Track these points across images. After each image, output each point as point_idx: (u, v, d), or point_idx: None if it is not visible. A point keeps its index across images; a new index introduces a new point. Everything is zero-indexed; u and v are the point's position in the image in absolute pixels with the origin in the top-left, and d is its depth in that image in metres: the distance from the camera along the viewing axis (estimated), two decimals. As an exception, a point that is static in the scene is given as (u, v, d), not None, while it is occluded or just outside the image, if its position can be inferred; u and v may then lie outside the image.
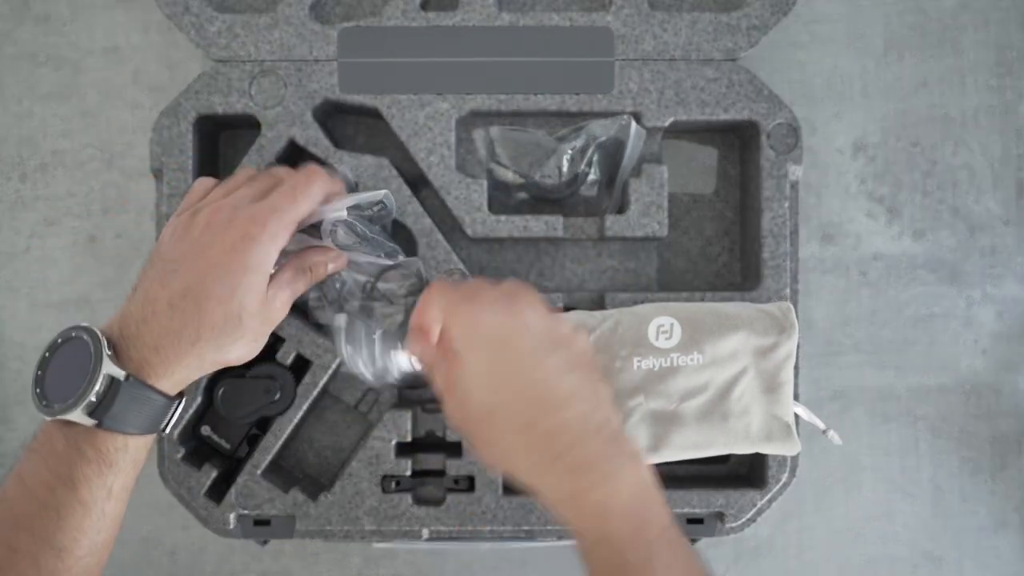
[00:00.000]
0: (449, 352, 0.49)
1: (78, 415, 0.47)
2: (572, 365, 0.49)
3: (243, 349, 0.52)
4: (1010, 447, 0.69)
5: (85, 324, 0.50)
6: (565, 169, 0.63)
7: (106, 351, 0.48)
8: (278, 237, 0.52)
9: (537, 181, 0.63)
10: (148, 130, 0.62)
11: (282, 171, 0.56)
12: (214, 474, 0.61)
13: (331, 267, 0.57)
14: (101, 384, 0.47)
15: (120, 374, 0.48)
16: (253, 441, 0.62)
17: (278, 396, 0.61)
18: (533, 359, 0.48)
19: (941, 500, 0.69)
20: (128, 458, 0.50)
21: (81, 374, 0.47)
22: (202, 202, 0.54)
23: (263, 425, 0.62)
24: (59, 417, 0.48)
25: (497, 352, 0.48)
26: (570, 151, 0.62)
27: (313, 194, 0.54)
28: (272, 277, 0.53)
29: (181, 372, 0.50)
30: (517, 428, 0.47)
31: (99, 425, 0.48)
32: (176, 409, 0.52)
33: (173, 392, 0.51)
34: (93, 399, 0.47)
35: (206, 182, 0.56)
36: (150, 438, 0.51)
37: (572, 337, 0.51)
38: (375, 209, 0.59)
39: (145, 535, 0.68)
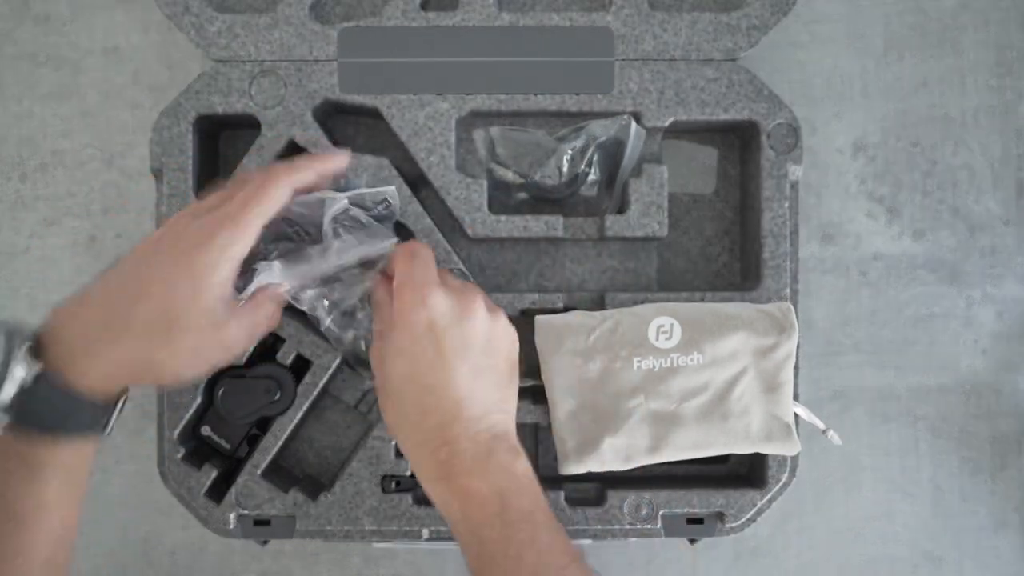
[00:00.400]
0: (392, 312, 0.52)
1: None
2: (486, 370, 0.53)
3: (179, 362, 0.49)
4: (1010, 447, 0.69)
5: (7, 319, 0.47)
6: (565, 169, 0.63)
7: (21, 346, 0.45)
8: (230, 246, 0.49)
9: (537, 181, 0.63)
10: (148, 130, 0.62)
11: (253, 175, 0.52)
12: (214, 474, 0.61)
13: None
14: (13, 382, 0.44)
15: (34, 371, 0.45)
16: (253, 441, 0.62)
17: (278, 396, 0.61)
18: (453, 359, 0.51)
19: (941, 500, 0.69)
20: (58, 465, 0.46)
21: None
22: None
23: (263, 425, 0.62)
24: None
25: (426, 341, 0.51)
26: (570, 151, 0.62)
27: (273, 194, 0.50)
28: (233, 303, 0.50)
29: (108, 369, 0.47)
30: (414, 410, 0.52)
31: (16, 428, 0.45)
32: (114, 411, 0.48)
33: (104, 392, 0.47)
34: (5, 399, 0.44)
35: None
36: (87, 444, 0.48)
37: (504, 340, 0.55)
38: (380, 208, 0.59)
39: (145, 535, 0.68)
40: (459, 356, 0.51)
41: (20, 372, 0.45)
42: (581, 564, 0.50)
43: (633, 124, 0.62)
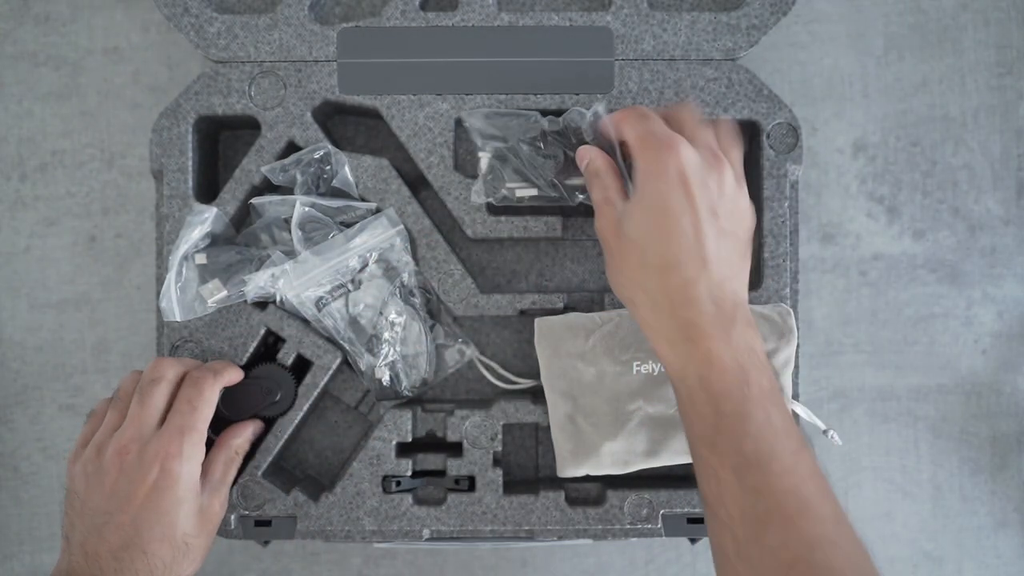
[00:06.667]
0: (620, 174, 0.53)
1: None
2: (729, 236, 0.51)
3: (196, 564, 0.54)
4: (1010, 447, 0.69)
5: None
6: (548, 137, 0.60)
7: None
8: (195, 456, 0.53)
9: (537, 159, 0.60)
10: (148, 130, 0.62)
11: (168, 372, 0.55)
12: (214, 474, 0.61)
13: (251, 438, 0.60)
14: None
15: None
16: (253, 442, 0.62)
17: (278, 398, 0.61)
18: (697, 217, 0.49)
19: (941, 500, 0.69)
20: None
21: None
22: (102, 436, 0.54)
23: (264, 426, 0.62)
24: None
25: (672, 197, 0.49)
26: (548, 123, 0.60)
27: (210, 398, 0.55)
28: (203, 483, 0.54)
29: None
30: (653, 269, 0.50)
31: None
32: None
33: None
34: None
35: (102, 405, 0.57)
36: None
37: (747, 214, 0.54)
38: (321, 166, 0.62)
39: (145, 535, 0.68)
40: (707, 212, 0.50)
41: None
42: (810, 451, 0.49)
43: (600, 109, 0.57)
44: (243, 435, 0.59)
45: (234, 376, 0.58)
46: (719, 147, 0.53)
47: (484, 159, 0.60)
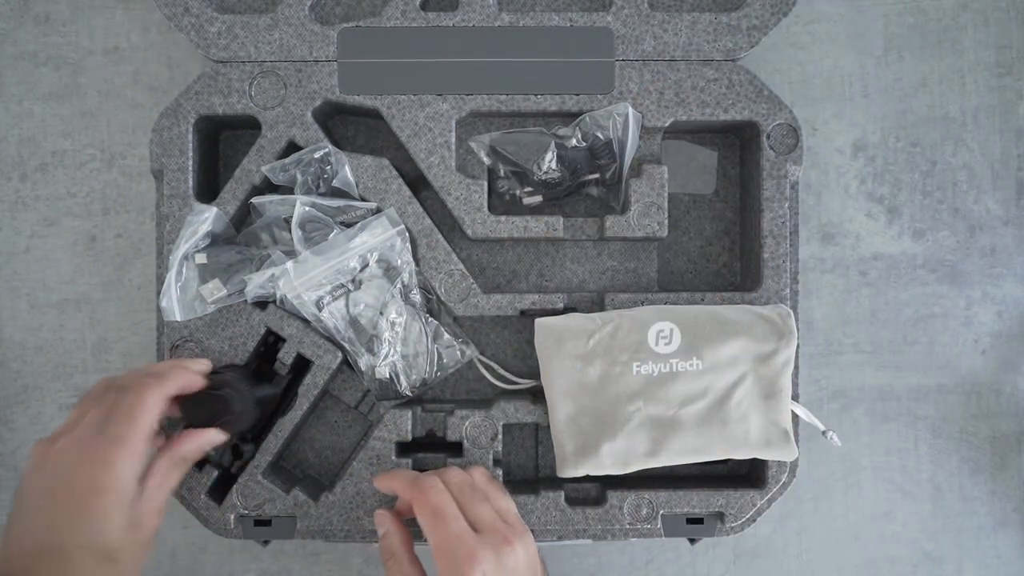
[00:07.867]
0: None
1: None
2: None
3: (131, 569, 0.50)
4: (1010, 447, 0.69)
5: None
6: (557, 162, 0.63)
7: None
8: (128, 467, 0.50)
9: (544, 180, 0.63)
10: (148, 130, 0.62)
11: (132, 379, 0.52)
12: (215, 475, 0.61)
13: (205, 448, 0.56)
14: None
15: None
16: (236, 450, 0.62)
17: (232, 416, 0.57)
18: None
19: (941, 500, 0.69)
20: None
21: None
22: (62, 427, 0.51)
23: (243, 435, 0.61)
24: None
25: None
26: (563, 141, 0.63)
27: (153, 405, 0.51)
28: (139, 489, 0.51)
29: None
30: None
31: None
32: None
33: None
34: None
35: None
36: None
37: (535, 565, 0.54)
38: (322, 166, 0.62)
39: (146, 535, 0.68)
40: None
41: None
42: None
43: (630, 111, 0.61)
44: (195, 442, 0.55)
45: (189, 382, 0.55)
46: (503, 516, 0.55)
47: (499, 183, 0.64)
